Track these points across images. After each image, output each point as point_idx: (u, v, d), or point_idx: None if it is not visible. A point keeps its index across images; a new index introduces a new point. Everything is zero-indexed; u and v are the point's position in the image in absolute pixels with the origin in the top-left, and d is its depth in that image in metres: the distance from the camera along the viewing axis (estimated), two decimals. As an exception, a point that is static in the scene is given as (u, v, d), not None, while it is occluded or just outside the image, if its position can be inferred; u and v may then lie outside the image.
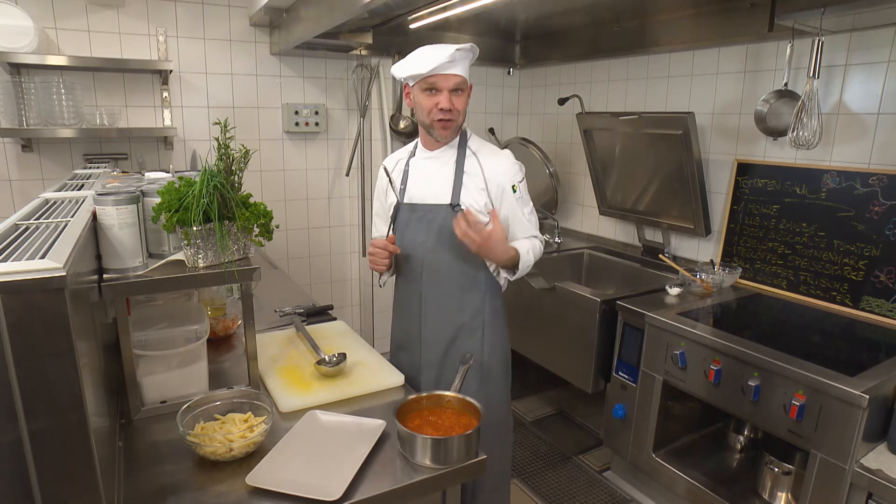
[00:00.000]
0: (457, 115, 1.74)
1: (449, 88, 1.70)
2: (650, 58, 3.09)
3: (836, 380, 1.72)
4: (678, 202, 2.88)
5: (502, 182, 1.77)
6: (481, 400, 1.36)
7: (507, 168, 1.79)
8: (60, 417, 0.85)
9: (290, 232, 3.60)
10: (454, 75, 1.70)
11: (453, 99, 1.71)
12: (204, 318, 1.56)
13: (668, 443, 2.42)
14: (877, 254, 2.21)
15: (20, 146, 2.82)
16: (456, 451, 1.25)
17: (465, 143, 1.83)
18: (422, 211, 1.83)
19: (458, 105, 1.73)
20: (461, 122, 1.80)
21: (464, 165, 1.79)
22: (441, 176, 1.81)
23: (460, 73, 1.70)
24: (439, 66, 1.66)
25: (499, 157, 1.81)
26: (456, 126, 1.78)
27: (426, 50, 1.72)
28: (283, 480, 1.16)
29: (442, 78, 1.69)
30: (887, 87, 2.18)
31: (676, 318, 2.25)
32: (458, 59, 1.68)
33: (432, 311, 1.86)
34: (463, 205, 1.76)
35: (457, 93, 1.72)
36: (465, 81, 1.73)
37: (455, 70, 1.69)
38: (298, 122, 3.42)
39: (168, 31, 3.02)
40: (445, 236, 1.77)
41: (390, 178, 1.92)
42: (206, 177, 1.34)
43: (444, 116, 1.72)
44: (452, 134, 1.80)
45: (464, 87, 1.73)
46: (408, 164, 1.90)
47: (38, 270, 0.81)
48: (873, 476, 1.64)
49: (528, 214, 1.84)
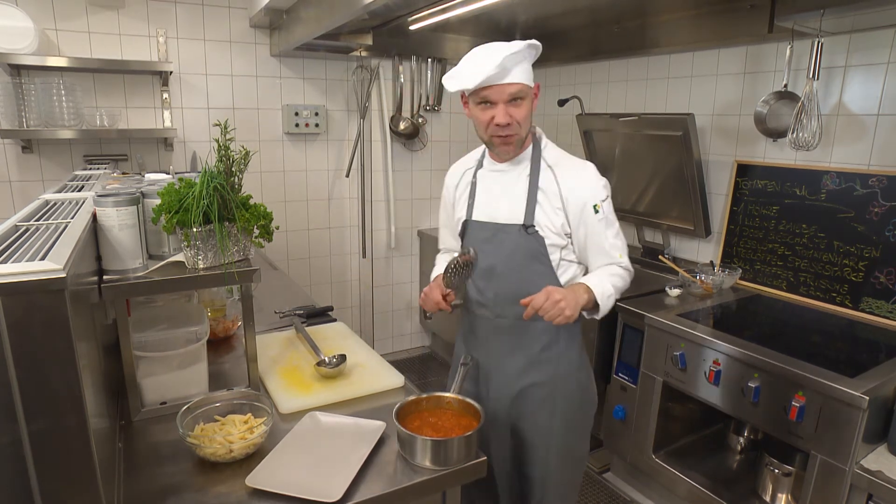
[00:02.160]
0: (518, 128, 1.51)
1: (504, 100, 1.47)
2: (650, 59, 3.09)
3: (837, 381, 1.72)
4: (678, 203, 2.88)
5: (582, 201, 1.54)
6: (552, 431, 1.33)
7: (588, 184, 1.56)
8: (60, 419, 0.85)
9: (290, 233, 3.60)
10: (509, 84, 1.46)
11: (511, 110, 1.48)
12: (204, 320, 1.56)
13: (668, 444, 2.42)
14: (877, 255, 2.21)
15: (20, 147, 2.82)
16: (456, 452, 1.25)
17: (540, 155, 1.60)
18: (492, 230, 1.62)
19: (519, 116, 1.49)
20: (526, 133, 1.57)
21: (538, 181, 1.57)
22: (513, 192, 1.60)
23: (517, 81, 1.46)
24: (489, 78, 1.43)
25: (579, 172, 1.59)
26: (519, 139, 1.55)
27: (475, 56, 1.48)
28: (282, 482, 1.16)
29: (495, 90, 1.46)
30: (887, 89, 2.18)
31: (676, 319, 2.25)
32: (512, 65, 1.44)
33: (503, 340, 1.66)
34: (537, 226, 1.56)
35: (516, 102, 1.48)
36: (525, 88, 1.48)
37: (510, 78, 1.45)
38: (298, 123, 3.42)
39: (168, 33, 3.02)
40: (518, 259, 1.59)
41: (455, 193, 1.74)
42: (206, 178, 1.34)
43: (503, 132, 1.51)
44: (516, 148, 1.58)
45: (525, 94, 1.49)
46: (475, 176, 1.68)
47: (38, 272, 0.81)
48: (873, 477, 1.64)
49: (613, 238, 1.58)
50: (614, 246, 1.60)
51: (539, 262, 1.58)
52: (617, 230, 1.61)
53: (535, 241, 1.57)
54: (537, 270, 1.58)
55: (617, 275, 1.59)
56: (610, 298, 1.54)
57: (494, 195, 1.64)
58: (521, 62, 1.47)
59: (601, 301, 1.51)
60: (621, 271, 1.60)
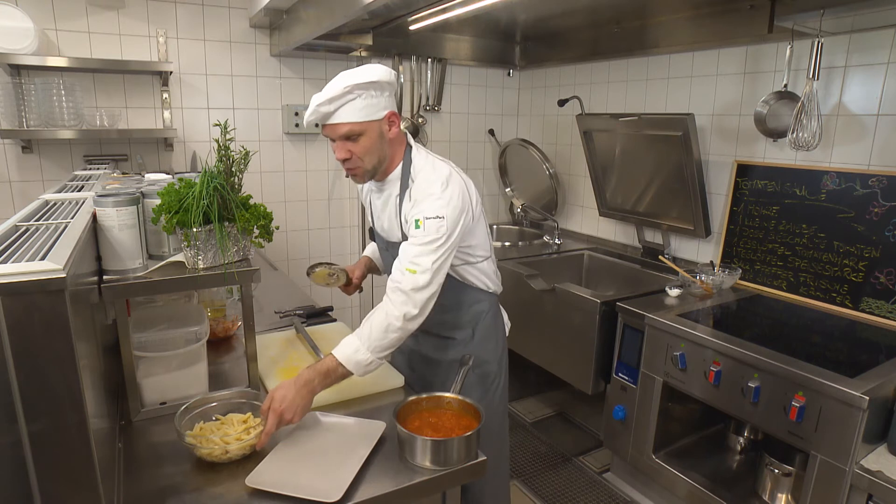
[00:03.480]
0: (359, 161, 1.54)
1: (337, 138, 1.51)
2: (650, 59, 3.09)
3: (836, 381, 1.72)
4: (678, 203, 2.88)
5: (413, 215, 1.52)
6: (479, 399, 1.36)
7: (425, 201, 1.51)
8: (60, 419, 0.85)
9: (290, 233, 3.60)
10: (336, 125, 1.49)
11: (349, 146, 1.51)
12: (204, 320, 1.56)
13: (669, 444, 2.42)
14: (877, 255, 2.21)
15: (20, 147, 2.82)
16: (456, 452, 1.25)
17: (409, 171, 1.61)
18: (385, 243, 1.76)
19: (358, 151, 1.51)
20: (374, 164, 1.56)
21: (405, 198, 1.59)
22: (389, 209, 1.68)
23: (344, 121, 1.47)
24: (310, 119, 1.50)
25: (426, 188, 1.54)
26: (364, 171, 1.57)
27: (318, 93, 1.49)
28: (282, 482, 1.16)
29: (327, 129, 1.52)
30: (887, 89, 2.18)
31: (676, 319, 2.25)
32: (335, 108, 1.46)
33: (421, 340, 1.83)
34: None
35: (351, 139, 1.50)
36: (357, 126, 1.48)
37: (335, 119, 1.48)
38: (298, 123, 3.42)
39: (168, 33, 3.02)
40: None
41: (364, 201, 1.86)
42: (206, 178, 1.35)
43: (346, 167, 1.56)
44: (366, 178, 1.61)
45: (360, 130, 1.49)
46: (370, 191, 1.77)
47: (38, 272, 0.81)
48: (873, 477, 1.64)
49: (416, 255, 1.46)
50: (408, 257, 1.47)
51: None
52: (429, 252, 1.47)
53: None
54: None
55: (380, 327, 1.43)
56: (370, 365, 1.43)
57: (378, 211, 1.75)
58: (349, 102, 1.46)
59: (357, 372, 1.43)
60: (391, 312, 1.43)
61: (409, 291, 1.45)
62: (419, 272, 1.46)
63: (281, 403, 1.30)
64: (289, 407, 1.30)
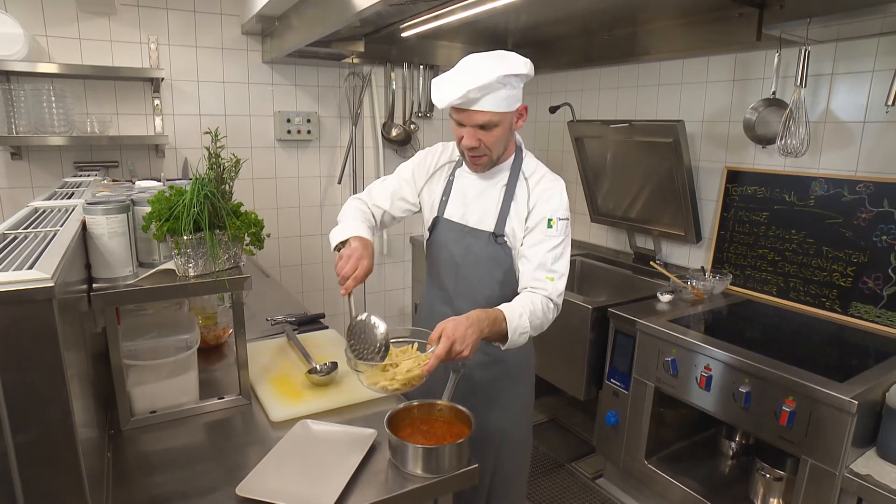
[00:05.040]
0: (486, 151, 1.52)
1: (473, 125, 1.47)
2: (640, 66, 3.12)
3: (826, 386, 1.74)
4: (669, 209, 2.90)
5: (543, 213, 1.55)
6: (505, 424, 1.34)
7: (555, 199, 1.57)
8: (47, 429, 0.84)
9: (281, 240, 3.59)
10: (477, 112, 1.44)
11: (480, 135, 1.48)
12: (194, 327, 1.55)
13: (661, 449, 2.43)
14: (864, 260, 2.24)
15: (9, 154, 2.80)
16: (447, 459, 1.24)
17: (520, 166, 1.62)
18: (461, 232, 1.65)
19: (488, 140, 1.49)
20: (498, 154, 1.56)
21: (514, 192, 1.59)
22: (488, 199, 1.62)
23: (486, 110, 1.43)
24: (455, 103, 1.43)
25: (552, 184, 1.60)
26: (489, 160, 1.56)
27: (457, 71, 1.45)
28: (273, 491, 1.15)
29: (464, 115, 1.46)
30: (872, 96, 2.21)
31: (668, 325, 2.26)
32: (480, 95, 1.41)
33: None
34: (507, 236, 1.59)
35: (486, 128, 1.47)
36: (496, 117, 1.45)
37: (478, 107, 1.43)
38: (290, 129, 3.41)
39: (160, 39, 3.01)
40: (483, 264, 1.63)
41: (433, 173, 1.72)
42: (197, 185, 1.34)
43: (471, 153, 1.53)
44: (486, 168, 1.59)
45: (496, 121, 1.47)
46: (453, 174, 1.69)
47: (26, 281, 0.80)
48: (863, 481, 1.65)
49: (552, 257, 1.52)
50: (546, 265, 1.51)
51: (503, 270, 1.62)
52: (561, 254, 1.54)
53: (503, 250, 1.61)
54: (500, 277, 1.62)
55: (539, 309, 1.47)
56: (522, 336, 1.44)
57: (469, 198, 1.65)
58: (495, 91, 1.42)
59: (512, 337, 1.42)
60: (547, 304, 1.49)
61: (556, 298, 1.52)
62: (557, 278, 1.53)
63: (454, 332, 1.29)
64: (461, 337, 1.29)
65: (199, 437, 1.42)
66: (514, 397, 1.78)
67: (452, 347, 1.29)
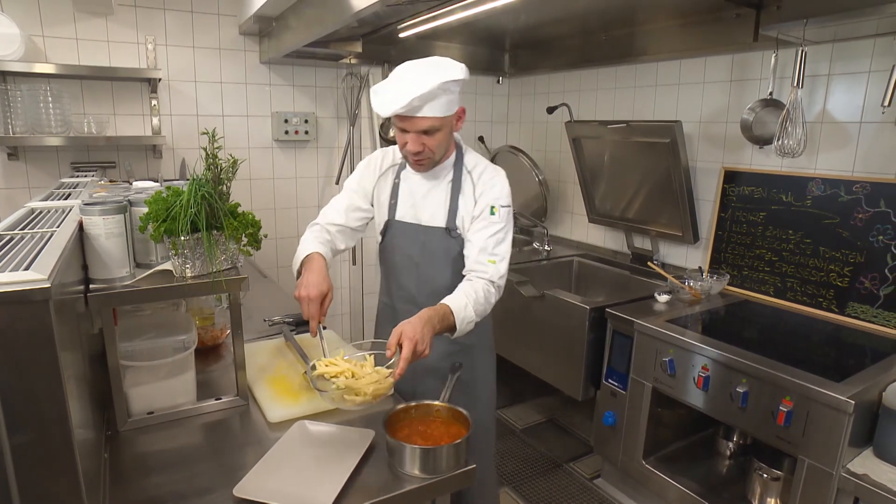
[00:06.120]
0: (430, 154, 1.60)
1: (416, 131, 1.54)
2: (638, 67, 3.12)
3: (823, 385, 1.74)
4: (666, 210, 2.91)
5: (487, 201, 1.64)
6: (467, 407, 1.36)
7: (498, 188, 1.66)
8: (44, 430, 0.84)
9: (279, 240, 3.59)
10: (421, 119, 1.51)
11: (424, 139, 1.55)
12: (192, 328, 1.55)
13: (658, 450, 2.43)
14: (861, 260, 2.24)
15: (6, 154, 2.80)
16: (445, 460, 1.24)
17: (462, 161, 1.70)
18: (416, 231, 1.73)
19: (431, 144, 1.57)
20: (441, 154, 1.64)
21: (461, 185, 1.68)
22: (436, 195, 1.70)
23: (429, 115, 1.50)
24: (400, 111, 1.48)
25: (494, 175, 1.69)
26: (431, 162, 1.64)
27: (395, 81, 1.51)
28: (270, 492, 1.15)
29: (407, 122, 1.53)
30: (869, 97, 2.22)
31: (665, 325, 2.27)
32: (423, 102, 1.47)
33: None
34: (458, 228, 1.68)
35: (429, 133, 1.54)
36: (437, 122, 1.53)
37: (421, 114, 1.49)
38: (288, 130, 3.41)
39: (157, 40, 3.01)
40: (440, 259, 1.71)
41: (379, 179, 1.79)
42: (194, 186, 1.34)
43: (415, 157, 1.60)
44: (429, 168, 1.67)
45: (438, 126, 1.54)
46: (399, 177, 1.76)
47: (22, 282, 0.80)
48: (860, 481, 1.65)
49: (494, 242, 1.61)
50: (488, 249, 1.60)
51: (459, 260, 1.69)
52: (503, 239, 1.63)
53: (457, 242, 1.70)
54: (457, 267, 1.68)
55: (482, 297, 1.55)
56: (469, 325, 1.52)
57: (418, 198, 1.73)
58: (436, 97, 1.49)
59: (460, 327, 1.50)
60: (489, 289, 1.57)
61: (498, 280, 1.60)
62: (498, 261, 1.61)
63: (414, 333, 1.34)
64: (421, 338, 1.34)
65: (197, 438, 1.42)
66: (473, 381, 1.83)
67: (416, 348, 1.33)
